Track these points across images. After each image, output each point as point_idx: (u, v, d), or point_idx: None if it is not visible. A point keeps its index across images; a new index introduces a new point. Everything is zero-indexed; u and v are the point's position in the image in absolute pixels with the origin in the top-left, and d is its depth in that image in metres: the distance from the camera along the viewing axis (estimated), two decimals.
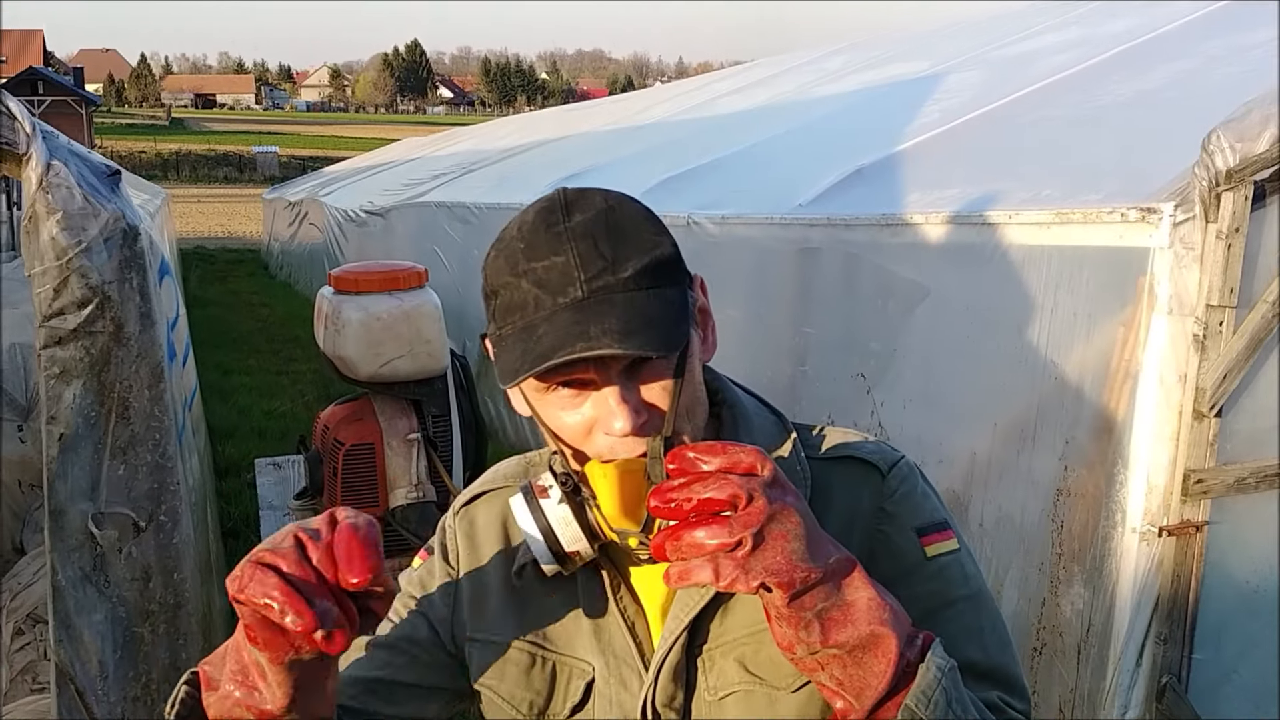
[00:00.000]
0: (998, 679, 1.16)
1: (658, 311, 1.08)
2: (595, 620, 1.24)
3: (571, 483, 1.16)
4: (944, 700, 0.99)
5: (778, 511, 0.95)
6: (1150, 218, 2.58)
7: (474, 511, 1.36)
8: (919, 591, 1.15)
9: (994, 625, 1.20)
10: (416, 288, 3.41)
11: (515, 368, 1.08)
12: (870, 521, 1.21)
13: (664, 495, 0.96)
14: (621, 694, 1.22)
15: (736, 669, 1.18)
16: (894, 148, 4.37)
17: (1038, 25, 6.69)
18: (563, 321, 1.06)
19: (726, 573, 0.93)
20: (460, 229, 8.26)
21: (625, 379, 1.10)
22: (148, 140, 64.88)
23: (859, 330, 3.61)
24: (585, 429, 1.12)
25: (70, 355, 2.57)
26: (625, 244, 1.10)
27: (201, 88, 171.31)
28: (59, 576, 2.68)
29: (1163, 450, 2.61)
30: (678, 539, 0.94)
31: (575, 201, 1.12)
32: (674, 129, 8.72)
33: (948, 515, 1.24)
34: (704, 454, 0.97)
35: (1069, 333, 2.79)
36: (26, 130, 2.50)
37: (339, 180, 17.71)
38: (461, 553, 1.34)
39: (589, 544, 1.15)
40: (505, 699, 1.28)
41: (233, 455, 7.44)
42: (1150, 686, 2.69)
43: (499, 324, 1.12)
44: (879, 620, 0.98)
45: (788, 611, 0.96)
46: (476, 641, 1.30)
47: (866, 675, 0.98)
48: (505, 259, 1.12)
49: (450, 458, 3.42)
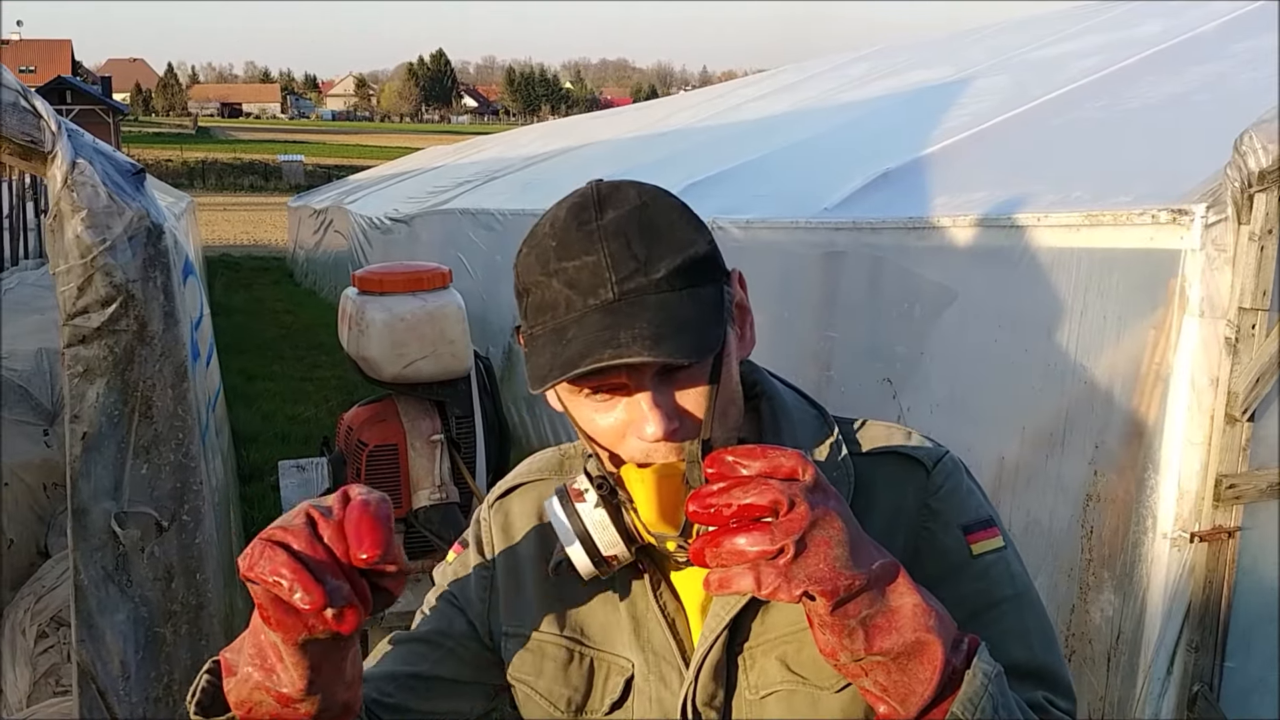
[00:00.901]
0: (1044, 678, 1.14)
1: (691, 314, 1.06)
2: (634, 617, 1.22)
3: (607, 485, 1.13)
4: (990, 706, 0.97)
5: (820, 517, 0.92)
6: (1182, 219, 2.54)
7: (509, 504, 1.34)
8: (965, 590, 1.13)
9: (1040, 624, 1.18)
10: (440, 288, 3.40)
11: (544, 373, 1.06)
12: (915, 519, 1.18)
13: (703, 501, 0.93)
14: (662, 691, 1.20)
15: (778, 668, 1.15)
16: (920, 151, 4.35)
17: (1066, 29, 6.65)
18: (593, 325, 1.04)
19: (768, 581, 0.91)
20: (484, 235, 8.27)
21: (658, 383, 1.07)
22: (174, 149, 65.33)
23: (885, 335, 3.59)
24: (619, 432, 1.10)
25: (94, 354, 2.57)
26: (658, 243, 1.07)
27: (228, 97, 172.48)
28: (81, 576, 2.68)
29: (1194, 455, 2.57)
30: (718, 545, 0.92)
31: (608, 197, 1.10)
32: (697, 135, 8.71)
33: (993, 512, 1.22)
34: (743, 458, 0.94)
35: (1099, 336, 2.76)
36: (52, 129, 2.50)
37: (364, 188, 17.79)
38: (497, 545, 1.32)
39: (626, 548, 1.12)
40: (543, 695, 1.26)
41: (256, 460, 7.46)
42: (1181, 695, 2.65)
43: (530, 323, 1.10)
44: (924, 627, 0.95)
45: (831, 619, 0.93)
46: (512, 636, 1.28)
47: (912, 682, 0.96)
48: (536, 257, 1.10)
49: (473, 459, 3.41)
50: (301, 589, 0.94)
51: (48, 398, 5.93)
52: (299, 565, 0.95)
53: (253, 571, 0.96)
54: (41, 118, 2.51)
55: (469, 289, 6.31)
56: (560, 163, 10.45)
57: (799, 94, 8.92)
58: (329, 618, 0.96)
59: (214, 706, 1.10)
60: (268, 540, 0.97)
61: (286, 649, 1.00)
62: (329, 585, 0.95)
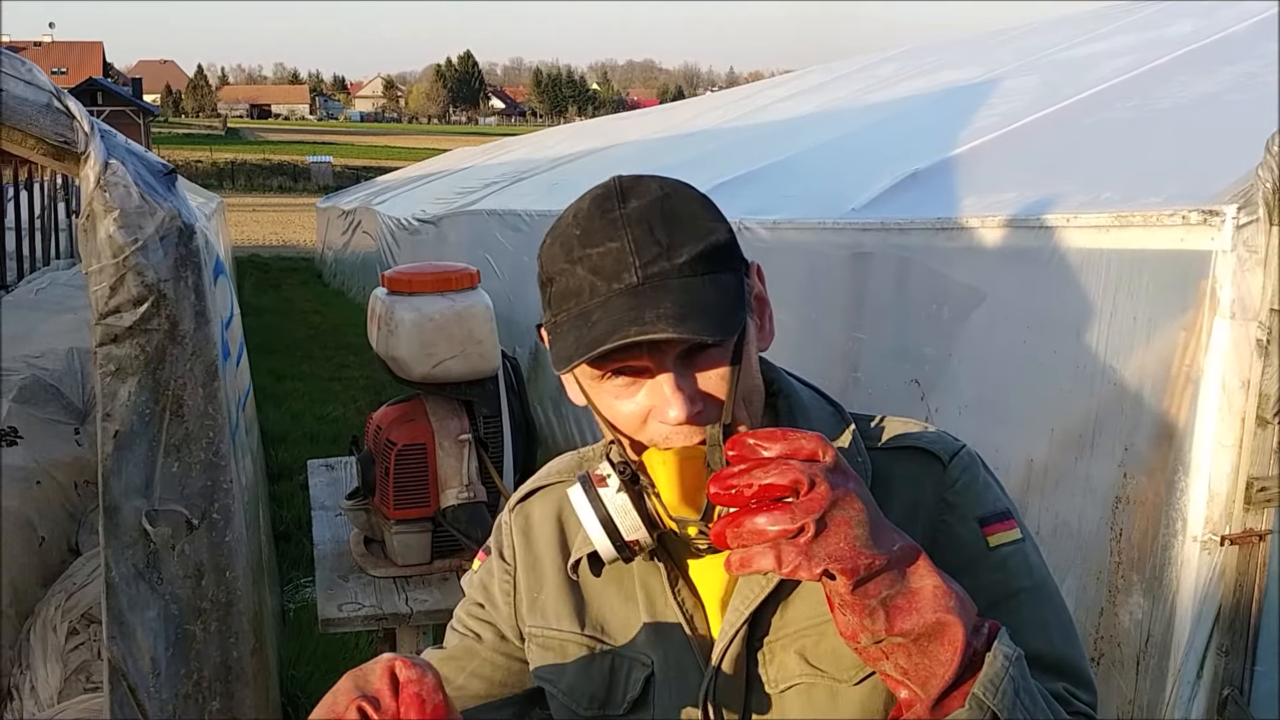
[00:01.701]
0: (1063, 670, 1.14)
1: (713, 297, 1.07)
2: (653, 613, 1.22)
3: (629, 471, 1.14)
4: (1011, 689, 0.97)
5: (840, 498, 0.93)
6: (1212, 220, 2.53)
7: (529, 507, 1.36)
8: (982, 582, 1.13)
9: (1059, 616, 1.18)
10: (469, 289, 3.41)
11: (569, 354, 1.07)
12: (932, 512, 1.19)
13: (724, 482, 0.94)
14: (681, 687, 1.20)
15: (797, 661, 1.16)
16: (949, 152, 4.33)
17: (1096, 30, 6.62)
18: (617, 307, 1.05)
19: (789, 559, 0.91)
20: (511, 236, 8.29)
21: (680, 366, 1.08)
22: (204, 150, 65.78)
23: (913, 336, 3.57)
24: (641, 418, 1.11)
25: (125, 353, 2.59)
26: (680, 230, 1.09)
27: (257, 98, 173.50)
28: (113, 573, 2.70)
29: (1225, 457, 2.55)
30: (738, 525, 0.92)
31: (631, 188, 1.12)
32: (724, 135, 8.71)
33: (1010, 505, 1.22)
34: (764, 440, 0.95)
35: (1128, 337, 2.74)
36: (85, 129, 2.53)
37: (392, 189, 17.86)
38: (518, 549, 1.34)
39: (648, 533, 1.13)
40: (565, 693, 1.27)
41: (285, 459, 7.51)
42: (1211, 699, 2.63)
43: (554, 311, 1.11)
44: (945, 608, 0.96)
45: (851, 599, 0.94)
46: (535, 636, 1.30)
47: (932, 664, 0.96)
48: (560, 245, 1.11)
49: (501, 458, 3.42)
50: None
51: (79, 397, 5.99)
52: None
53: None
54: (74, 118, 2.54)
55: (496, 290, 6.33)
56: (587, 163, 10.46)
57: (827, 94, 8.90)
58: None
59: None
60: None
61: None
62: None
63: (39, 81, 2.52)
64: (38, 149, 2.52)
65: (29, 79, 2.49)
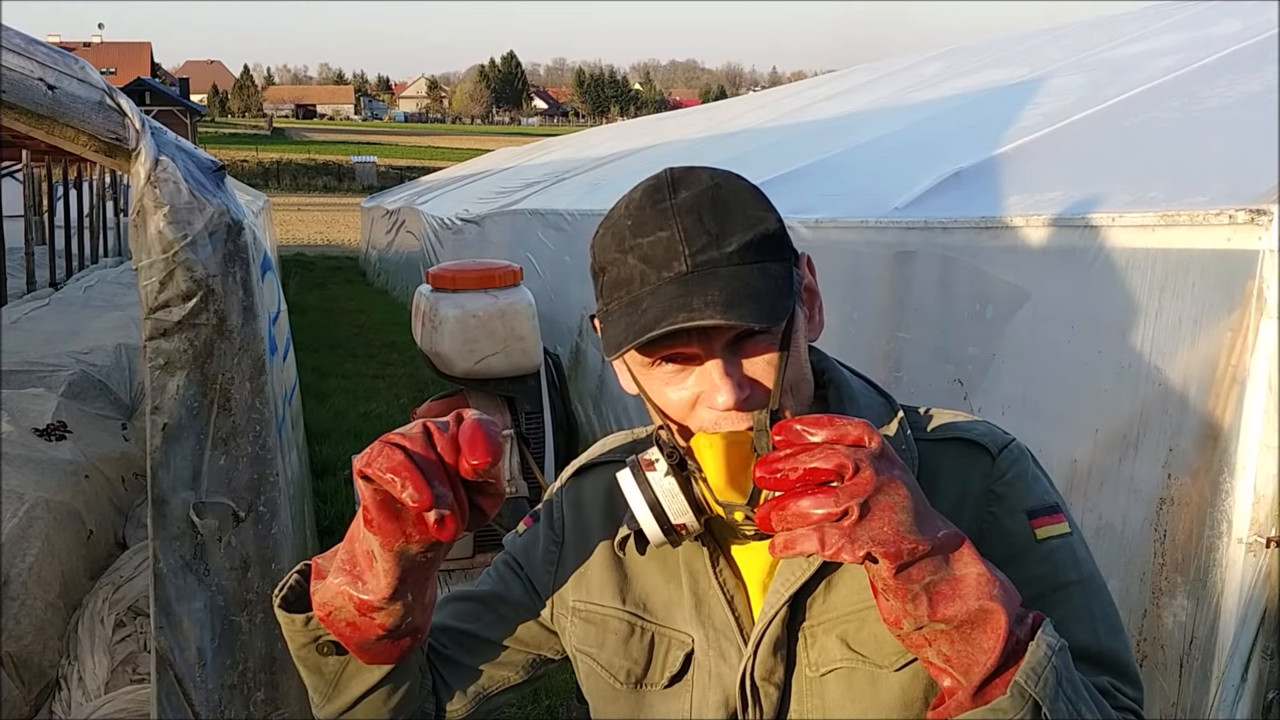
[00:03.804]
0: (1108, 664, 1.14)
1: (762, 285, 1.08)
2: (695, 593, 1.24)
3: (678, 456, 1.15)
4: (1054, 679, 0.97)
5: (885, 483, 0.94)
6: (1260, 219, 2.50)
7: (581, 483, 1.38)
8: (1029, 575, 1.13)
9: (1105, 611, 1.18)
10: (511, 286, 3.44)
11: (619, 340, 1.09)
12: (980, 503, 1.19)
13: (770, 466, 0.95)
14: (720, 666, 1.21)
15: (839, 646, 1.17)
16: (993, 151, 4.31)
17: (1142, 29, 6.55)
18: (667, 294, 1.07)
19: (832, 542, 0.92)
20: (553, 236, 8.31)
21: (729, 353, 1.10)
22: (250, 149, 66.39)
23: (956, 335, 3.56)
24: (689, 404, 1.12)
25: (175, 347, 2.63)
26: (730, 219, 1.10)
27: (302, 98, 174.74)
28: (160, 564, 2.74)
29: (1270, 459, 2.53)
30: (783, 509, 0.94)
31: (682, 179, 1.14)
32: (767, 135, 8.69)
33: (1059, 498, 1.22)
34: (810, 426, 0.96)
35: (1174, 338, 2.72)
36: (136, 126, 2.57)
37: (435, 189, 17.95)
38: (567, 522, 1.36)
39: (695, 517, 1.14)
40: (604, 666, 1.29)
41: (329, 456, 7.57)
42: (1256, 702, 2.61)
43: (605, 300, 1.13)
44: (988, 595, 0.96)
45: (895, 583, 0.95)
46: (578, 610, 1.31)
47: (974, 651, 0.96)
48: (612, 236, 1.13)
49: (542, 454, 3.44)
50: (413, 487, 0.98)
51: (126, 392, 6.07)
52: (413, 466, 1.00)
53: (370, 468, 1.01)
54: (126, 115, 2.58)
55: (538, 289, 6.35)
56: (629, 163, 10.48)
57: (870, 94, 8.87)
58: (430, 521, 1.00)
59: (298, 604, 1.17)
60: (386, 442, 1.02)
61: (382, 554, 1.05)
62: (436, 490, 1.00)
63: (92, 79, 2.56)
64: (90, 146, 2.56)
65: (82, 77, 2.54)
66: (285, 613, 1.18)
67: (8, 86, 2.42)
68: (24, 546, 3.89)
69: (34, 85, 2.46)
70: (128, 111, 2.57)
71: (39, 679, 3.76)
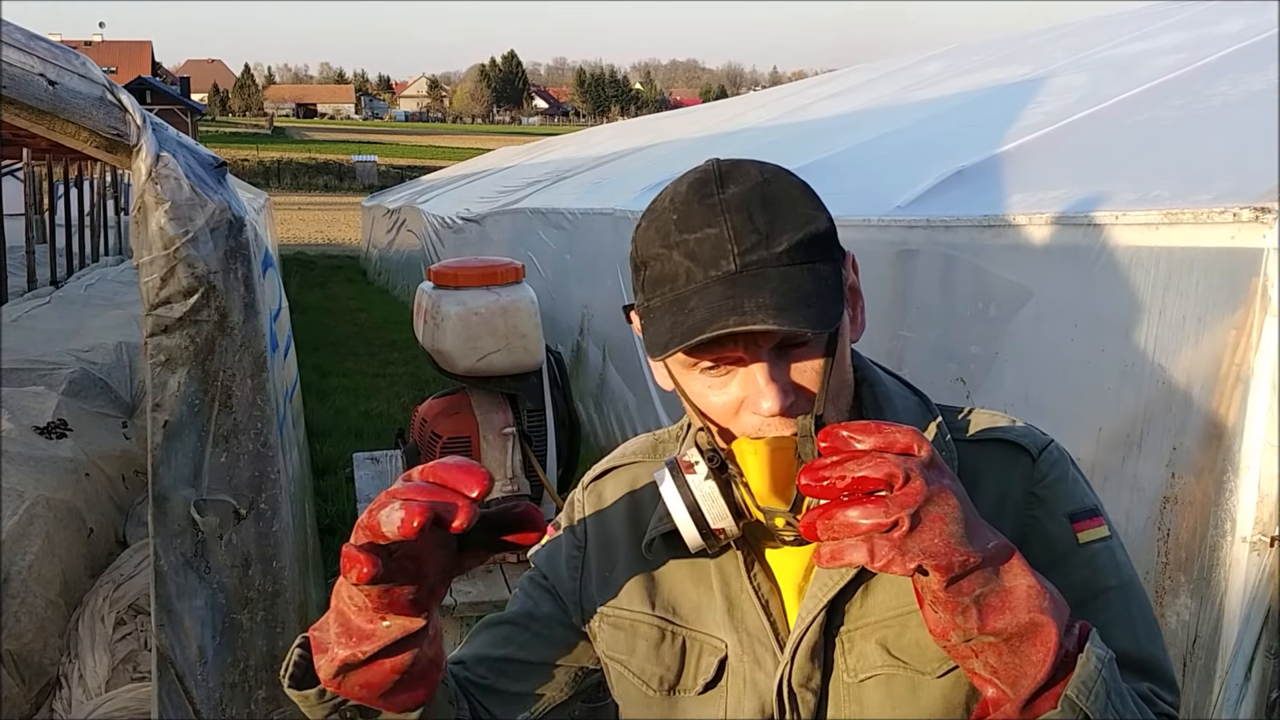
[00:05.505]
0: (1148, 670, 1.12)
1: (812, 287, 1.06)
2: (728, 597, 1.21)
3: (718, 459, 1.12)
4: (1104, 692, 0.96)
5: (935, 493, 0.91)
6: (1264, 218, 2.50)
7: (602, 486, 1.35)
8: (1071, 579, 1.11)
9: (1145, 615, 1.16)
10: (514, 283, 3.44)
11: (665, 341, 1.06)
12: (1021, 506, 1.17)
13: (816, 473, 0.92)
14: (756, 672, 1.19)
15: (878, 651, 1.15)
16: (995, 149, 4.30)
17: (1145, 27, 6.55)
18: (715, 295, 1.04)
19: (882, 554, 0.90)
20: (554, 234, 8.31)
21: (775, 357, 1.07)
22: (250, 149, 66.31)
23: (958, 334, 3.55)
24: (733, 408, 1.10)
25: (176, 343, 2.62)
26: (780, 217, 1.07)
27: (303, 97, 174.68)
28: (161, 562, 2.74)
29: (1274, 457, 2.52)
30: (830, 518, 0.91)
31: (729, 173, 1.10)
32: (768, 134, 8.69)
33: (1098, 501, 1.20)
34: (858, 433, 0.94)
35: (1177, 336, 2.71)
36: (137, 122, 2.56)
37: (436, 188, 17.96)
38: (589, 526, 1.33)
39: (734, 522, 1.11)
40: (635, 673, 1.26)
41: (330, 454, 7.57)
42: (1260, 701, 2.60)
43: (647, 295, 1.10)
44: (1039, 608, 0.94)
45: (944, 596, 0.92)
46: (606, 615, 1.29)
47: (1024, 664, 0.95)
48: (657, 230, 1.10)
49: (544, 452, 3.43)
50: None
51: (127, 391, 6.06)
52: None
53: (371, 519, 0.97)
54: (127, 111, 2.58)
55: (539, 288, 6.33)
56: (630, 162, 10.47)
57: (872, 92, 8.86)
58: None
59: (306, 679, 1.12)
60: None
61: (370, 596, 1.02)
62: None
63: (93, 75, 2.55)
64: (91, 141, 2.55)
65: (83, 72, 2.53)
66: (296, 691, 1.13)
67: (8, 82, 2.42)
68: (24, 544, 3.88)
69: (35, 81, 2.45)
70: (129, 107, 2.56)
71: (39, 677, 3.76)
